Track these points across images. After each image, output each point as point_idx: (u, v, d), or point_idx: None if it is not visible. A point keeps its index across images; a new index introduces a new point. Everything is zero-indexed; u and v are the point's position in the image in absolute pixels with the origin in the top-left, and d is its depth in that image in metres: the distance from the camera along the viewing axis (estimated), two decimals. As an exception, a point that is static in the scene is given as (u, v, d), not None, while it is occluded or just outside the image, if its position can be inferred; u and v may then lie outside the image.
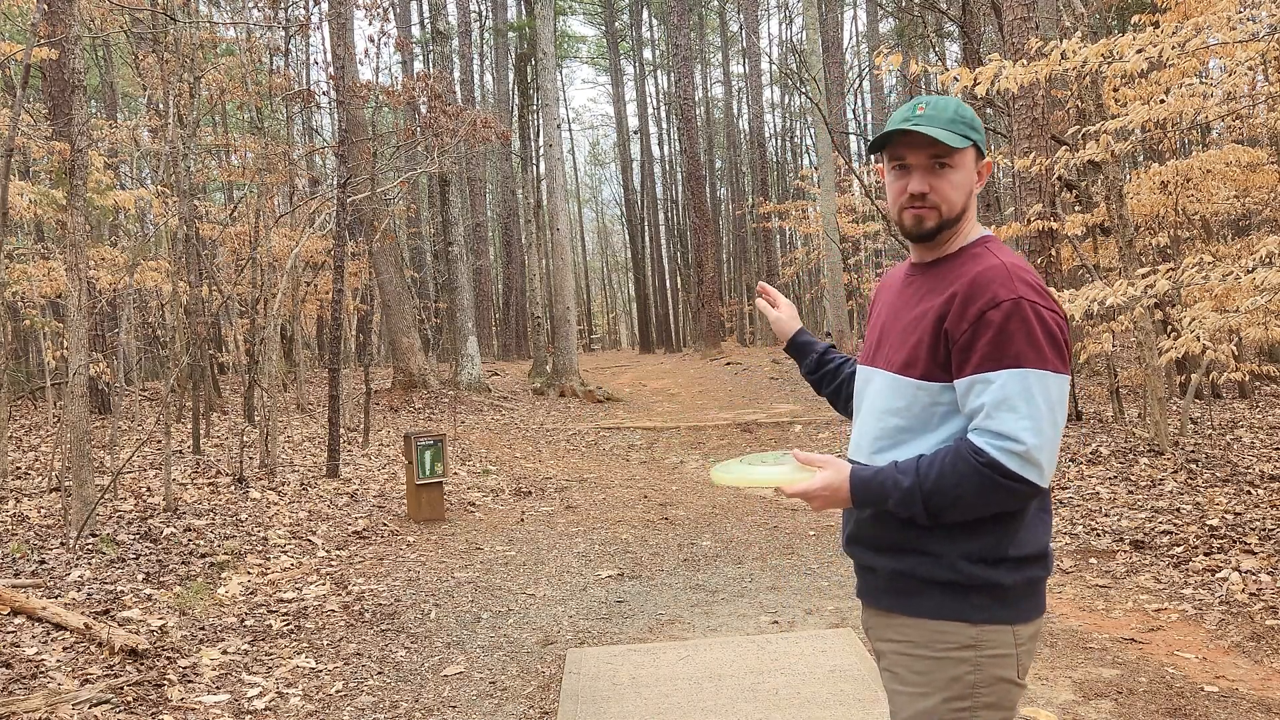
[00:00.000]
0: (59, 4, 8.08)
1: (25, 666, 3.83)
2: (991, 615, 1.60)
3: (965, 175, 1.72)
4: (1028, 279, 1.61)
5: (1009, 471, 1.52)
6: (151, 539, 5.79)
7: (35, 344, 14.41)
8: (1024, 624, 1.63)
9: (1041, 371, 1.54)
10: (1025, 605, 1.63)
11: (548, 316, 23.46)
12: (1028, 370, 1.54)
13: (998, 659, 1.60)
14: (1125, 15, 14.12)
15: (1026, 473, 1.52)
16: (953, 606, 1.61)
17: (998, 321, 1.55)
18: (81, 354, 5.74)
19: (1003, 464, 1.52)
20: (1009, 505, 1.56)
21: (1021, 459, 1.52)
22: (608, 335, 49.35)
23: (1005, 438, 1.52)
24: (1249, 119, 9.49)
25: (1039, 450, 1.52)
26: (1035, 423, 1.52)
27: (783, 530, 6.88)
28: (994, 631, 1.60)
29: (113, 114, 17.95)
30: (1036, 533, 1.64)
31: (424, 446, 7.37)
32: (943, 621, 1.61)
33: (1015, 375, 1.54)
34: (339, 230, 9.46)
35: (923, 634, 1.63)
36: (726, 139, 37.53)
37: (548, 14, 18.23)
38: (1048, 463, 1.53)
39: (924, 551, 1.63)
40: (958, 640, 1.60)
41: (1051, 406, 1.54)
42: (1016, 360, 1.54)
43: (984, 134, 1.77)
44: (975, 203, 1.76)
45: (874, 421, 1.73)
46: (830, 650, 4.13)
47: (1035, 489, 1.54)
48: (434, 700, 3.85)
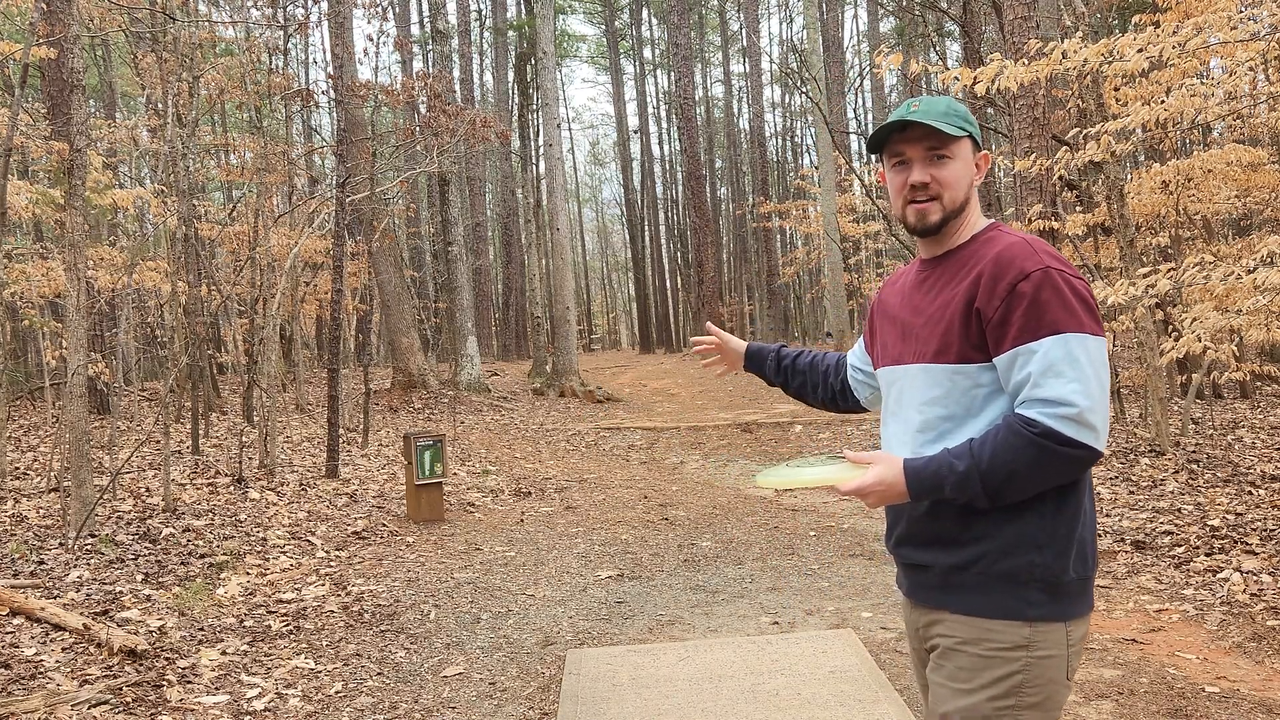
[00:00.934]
0: (58, 3, 8.07)
1: (24, 667, 3.82)
2: (1047, 612, 1.59)
3: (964, 166, 1.74)
4: (1050, 250, 1.63)
5: (1065, 438, 1.51)
6: (150, 539, 5.78)
7: (34, 344, 14.40)
8: (1077, 621, 1.62)
9: (1081, 335, 1.55)
10: (1080, 601, 1.62)
11: (547, 316, 23.46)
12: (1068, 335, 1.54)
13: (1048, 659, 1.59)
14: (1126, 15, 14.12)
15: (1083, 436, 1.52)
16: (1008, 604, 1.59)
17: (1030, 292, 1.57)
18: (80, 354, 5.72)
19: (1058, 430, 1.51)
20: (1069, 474, 1.55)
21: (1076, 423, 1.51)
22: (608, 335, 49.34)
23: (1057, 403, 1.52)
24: (1250, 119, 9.48)
25: (1091, 412, 1.52)
26: (1084, 385, 1.53)
27: (783, 531, 6.87)
28: (1048, 630, 1.59)
29: (112, 113, 17.95)
30: (1086, 520, 1.64)
31: (423, 447, 7.35)
32: (996, 620, 1.60)
33: (1057, 341, 1.54)
34: (338, 230, 9.45)
35: (973, 631, 1.62)
36: (726, 138, 37.52)
37: (547, 13, 18.22)
38: (1101, 424, 1.53)
39: (983, 542, 1.61)
40: (1010, 640, 1.59)
41: (1096, 368, 1.55)
42: (1054, 327, 1.55)
43: (978, 129, 1.79)
44: (976, 195, 1.78)
45: (915, 415, 1.72)
46: (830, 651, 4.12)
47: (1093, 452, 1.53)
48: (433, 701, 3.84)
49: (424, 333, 17.97)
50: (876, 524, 7.01)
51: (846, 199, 25.39)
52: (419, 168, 12.96)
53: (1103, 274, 10.56)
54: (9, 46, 9.20)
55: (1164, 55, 5.36)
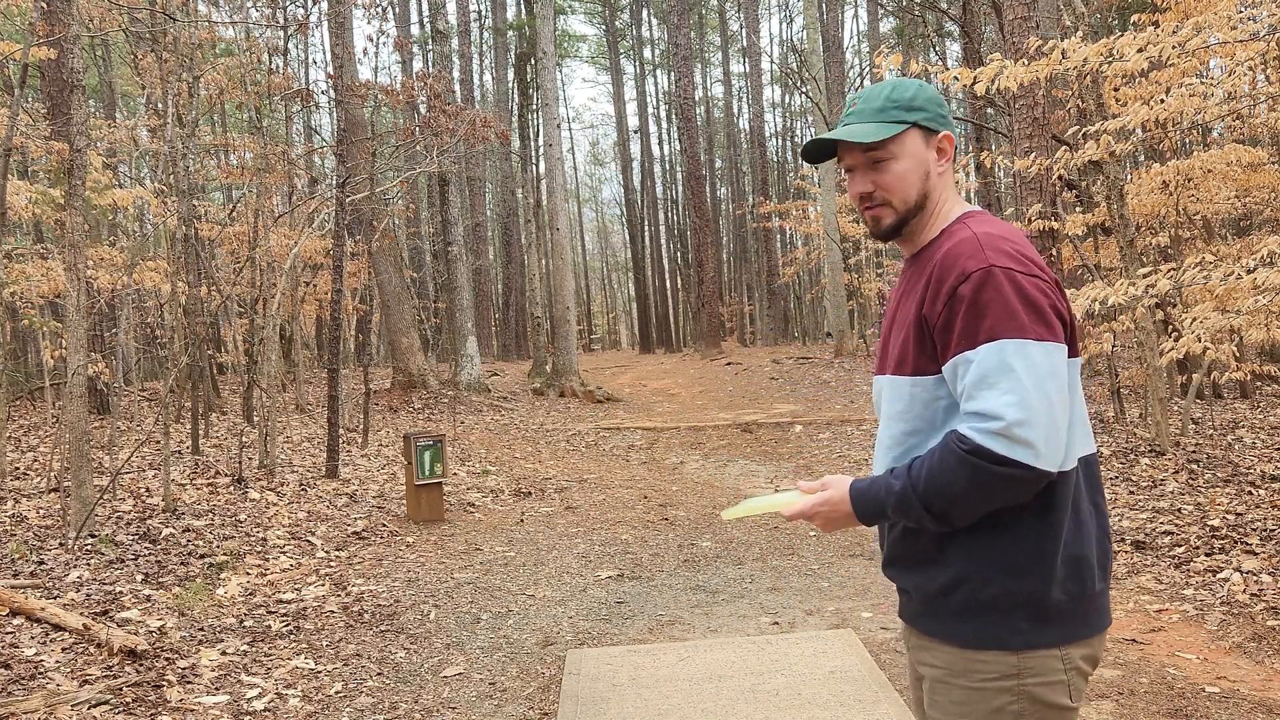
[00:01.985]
0: (58, 3, 8.07)
1: (24, 667, 3.82)
2: (1033, 639, 1.48)
3: (910, 162, 1.61)
4: (1003, 246, 1.49)
5: (996, 455, 1.38)
6: (150, 539, 5.78)
7: (34, 344, 14.40)
8: (1074, 644, 1.50)
9: (1020, 340, 1.41)
10: (1076, 622, 1.51)
11: (547, 316, 23.46)
12: (1004, 341, 1.41)
13: (1045, 686, 1.49)
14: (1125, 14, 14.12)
15: (1015, 453, 1.38)
16: (991, 633, 1.49)
17: (969, 295, 1.45)
18: (80, 354, 5.72)
19: (987, 447, 1.39)
20: (1011, 495, 1.41)
21: (1006, 439, 1.38)
22: (608, 335, 49.34)
23: (987, 417, 1.40)
24: (1249, 119, 9.48)
25: (1024, 425, 1.37)
26: (1019, 396, 1.38)
27: (783, 531, 6.87)
28: (1037, 657, 1.48)
29: (111, 113, 17.95)
30: (1075, 537, 1.50)
31: (423, 447, 7.35)
32: (981, 651, 1.50)
33: (992, 349, 1.42)
34: (338, 230, 9.45)
35: (960, 662, 1.52)
36: (726, 139, 37.53)
37: (547, 13, 18.22)
38: (1042, 440, 1.38)
39: (960, 565, 1.51)
40: (998, 670, 1.49)
41: (1038, 377, 1.40)
42: (991, 333, 1.42)
43: (933, 109, 1.64)
44: (944, 183, 1.64)
45: (884, 430, 1.64)
46: (830, 651, 4.12)
47: (1031, 471, 1.39)
48: (433, 701, 3.84)
49: (424, 333, 17.97)
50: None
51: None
52: (419, 168, 12.96)
53: (1103, 274, 10.56)
54: (9, 46, 9.21)
55: (1164, 55, 5.36)
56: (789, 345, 29.73)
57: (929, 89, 1.66)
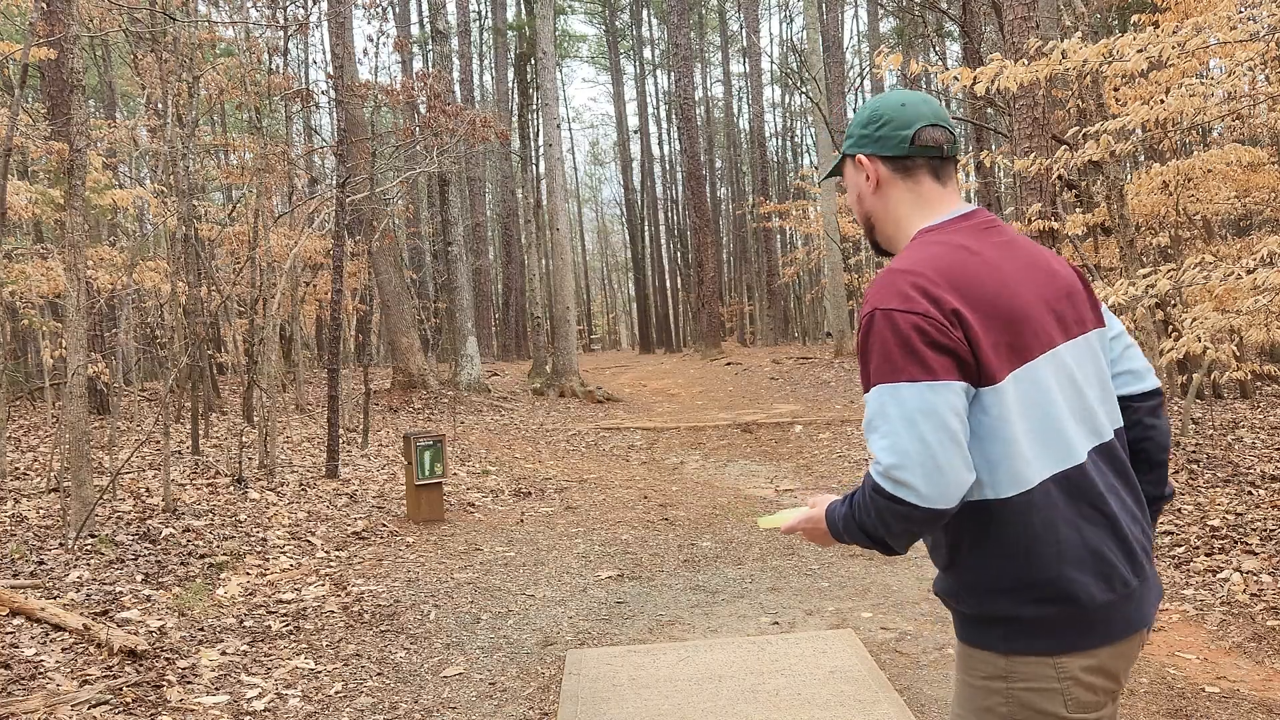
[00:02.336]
0: (58, 3, 8.07)
1: (24, 667, 3.82)
2: (1020, 645, 1.52)
3: (851, 189, 1.74)
4: (898, 284, 1.51)
5: (885, 491, 1.46)
6: (150, 540, 5.78)
7: (34, 344, 14.40)
8: (1069, 654, 1.51)
9: (892, 385, 1.46)
10: (1065, 635, 1.51)
11: (547, 316, 23.46)
12: (880, 386, 1.48)
13: (1035, 692, 1.51)
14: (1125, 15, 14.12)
15: (899, 492, 1.44)
16: (982, 635, 1.56)
17: (861, 343, 1.54)
18: (80, 354, 5.73)
19: (878, 483, 1.47)
20: (912, 527, 1.47)
21: (889, 480, 1.45)
22: (608, 335, 49.34)
23: (874, 460, 1.48)
24: (1249, 119, 9.49)
25: (900, 469, 1.43)
26: (891, 440, 1.45)
27: (783, 530, 6.87)
28: (1027, 663, 1.51)
29: (111, 113, 17.96)
30: (1040, 560, 1.50)
31: (423, 447, 7.35)
32: (975, 649, 1.57)
33: (872, 395, 1.50)
34: (338, 230, 9.45)
35: (965, 659, 1.60)
36: (726, 139, 37.54)
37: (547, 13, 18.22)
38: (919, 481, 1.42)
39: (951, 575, 1.59)
40: (989, 669, 1.55)
41: (909, 419, 1.44)
42: (872, 378, 1.50)
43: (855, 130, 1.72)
44: (884, 202, 1.70)
45: None
46: (830, 651, 4.12)
47: (919, 509, 1.44)
48: (433, 701, 3.84)
49: (424, 333, 17.97)
50: (876, 524, 7.01)
51: (846, 199, 25.37)
52: (419, 168, 12.96)
53: (1103, 274, 10.56)
54: (9, 46, 9.21)
55: (1163, 55, 5.36)
56: (789, 345, 29.73)
57: (865, 109, 1.71)
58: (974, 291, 1.52)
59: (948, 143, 1.67)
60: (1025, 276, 1.59)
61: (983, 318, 1.50)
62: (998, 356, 1.50)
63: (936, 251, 1.56)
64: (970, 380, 1.49)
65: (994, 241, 1.61)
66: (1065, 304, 1.63)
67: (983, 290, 1.52)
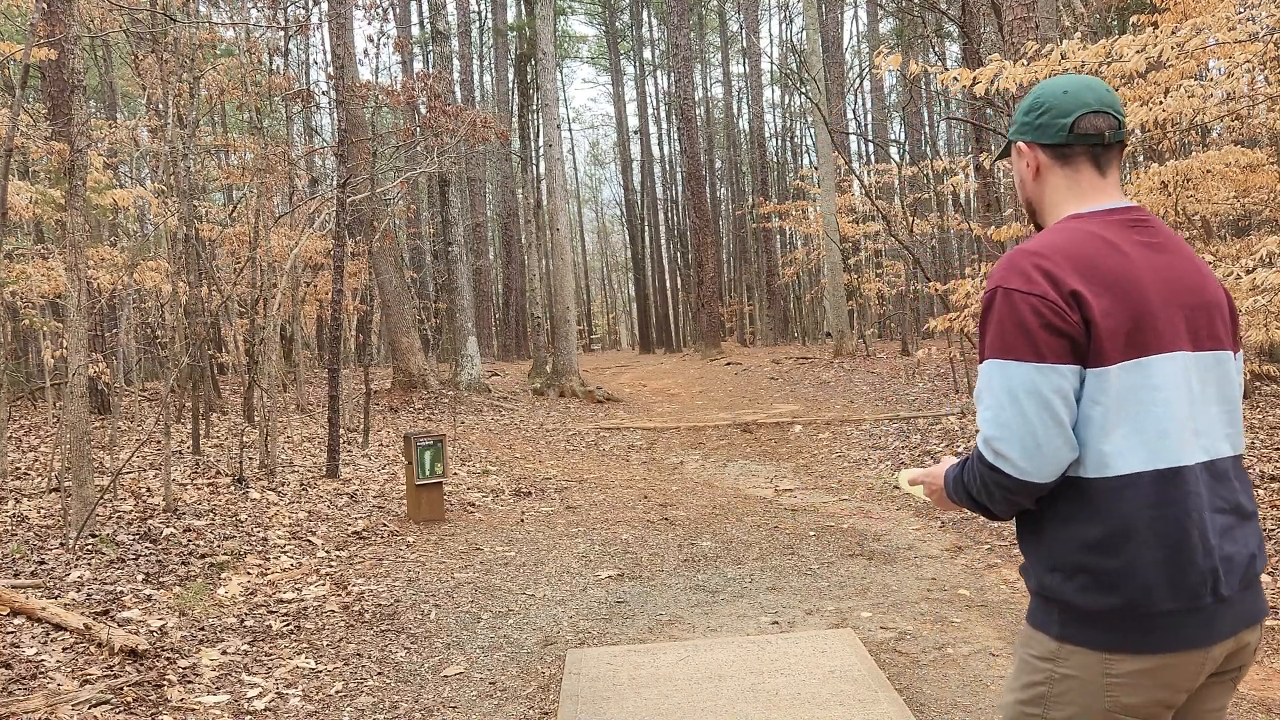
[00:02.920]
0: (58, 4, 8.08)
1: (25, 667, 3.83)
2: (1071, 634, 1.55)
3: (1015, 170, 1.79)
4: (1022, 264, 1.57)
5: (986, 460, 1.55)
6: (151, 539, 5.79)
7: (34, 344, 14.41)
8: (1121, 654, 1.51)
9: (1001, 361, 1.54)
10: (1120, 633, 1.51)
11: (548, 317, 23.47)
12: (991, 361, 1.56)
13: (1078, 681, 1.54)
14: (1125, 15, 14.13)
15: (999, 463, 1.53)
16: (1039, 616, 1.61)
17: (981, 314, 1.60)
18: (81, 354, 5.73)
19: (980, 451, 1.56)
20: (1000, 498, 1.56)
21: (990, 449, 1.54)
22: (608, 335, 49.34)
23: (980, 429, 1.56)
24: (1249, 119, 9.49)
25: (999, 441, 1.52)
26: (994, 413, 1.53)
27: (783, 531, 6.88)
28: (1077, 653, 1.54)
29: (112, 114, 17.96)
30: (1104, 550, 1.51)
31: (424, 447, 7.36)
32: (1032, 629, 1.62)
33: (984, 368, 1.58)
34: (338, 230, 9.45)
35: (1025, 636, 1.65)
36: (726, 139, 37.54)
37: (548, 14, 18.23)
38: (1017, 454, 1.50)
39: (1026, 554, 1.64)
40: (1040, 650, 1.59)
41: (1013, 396, 1.51)
42: (986, 352, 1.58)
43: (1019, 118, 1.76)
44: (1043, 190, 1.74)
45: None
46: (830, 651, 4.13)
47: (1011, 479, 1.52)
48: (434, 701, 3.85)
49: (424, 333, 17.98)
50: (876, 524, 7.02)
51: (846, 199, 25.40)
52: (419, 168, 12.97)
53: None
54: (9, 46, 9.21)
55: (1163, 56, 5.37)
56: (789, 345, 29.74)
57: (1030, 97, 1.74)
58: (1098, 277, 1.54)
59: (1110, 130, 1.66)
60: (1162, 278, 1.59)
61: (1103, 303, 1.53)
62: (1111, 343, 1.52)
63: (1070, 237, 1.60)
64: (1081, 362, 1.53)
65: (1137, 239, 1.61)
66: (1201, 316, 1.61)
67: (1108, 278, 1.55)
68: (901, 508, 7.61)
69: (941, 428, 11.04)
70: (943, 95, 28.83)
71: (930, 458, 9.53)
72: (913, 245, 15.84)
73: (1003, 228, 9.99)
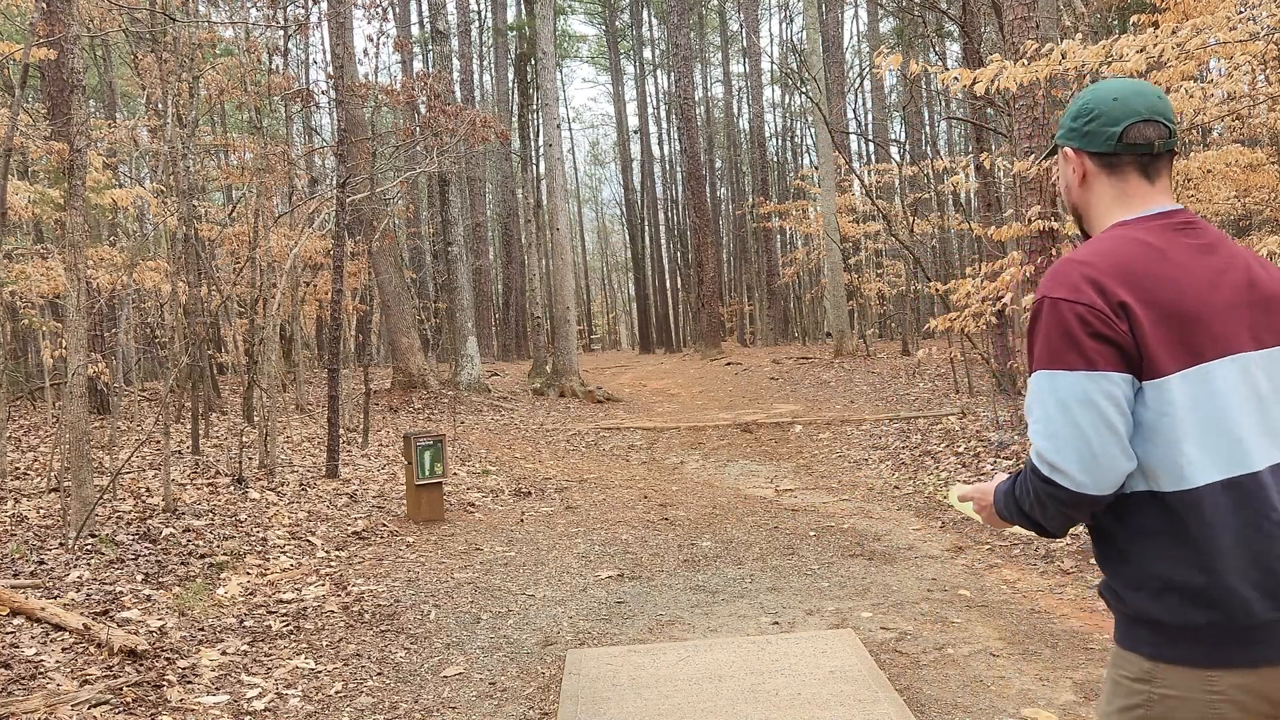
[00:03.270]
0: (58, 3, 8.07)
1: (24, 667, 3.82)
2: (1164, 653, 1.50)
3: (1061, 174, 1.75)
4: (1069, 274, 1.55)
5: (1040, 474, 1.52)
6: (151, 539, 5.78)
7: (34, 344, 14.40)
8: (1222, 669, 1.46)
9: (1050, 371, 1.52)
10: (1217, 647, 1.47)
11: (548, 317, 23.46)
12: (1041, 372, 1.54)
13: (1180, 700, 1.48)
14: (1125, 15, 14.12)
15: (1054, 476, 1.49)
16: (1129, 636, 1.56)
17: (1029, 328, 1.59)
18: (80, 354, 5.73)
19: (1035, 465, 1.53)
20: (1055, 511, 1.52)
21: (1044, 462, 1.50)
22: (608, 335, 49.34)
23: (1032, 443, 1.54)
24: (1249, 119, 9.49)
25: (1051, 453, 1.49)
26: (1045, 425, 1.51)
27: (783, 531, 6.87)
28: (1172, 671, 1.49)
29: (112, 113, 17.96)
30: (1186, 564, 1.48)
31: (423, 447, 7.36)
32: (1123, 650, 1.57)
33: (1033, 379, 1.56)
34: (338, 230, 9.45)
35: (1116, 657, 1.60)
36: (726, 139, 37.53)
37: (547, 13, 18.22)
38: (1073, 466, 1.47)
39: (1107, 576, 1.61)
40: (1133, 670, 1.54)
41: (1064, 405, 1.48)
42: (1035, 363, 1.55)
43: (1066, 122, 1.72)
44: (1089, 197, 1.71)
45: None
46: (831, 651, 4.12)
47: (1066, 492, 1.48)
48: (433, 701, 3.85)
49: (424, 333, 17.98)
50: (876, 524, 7.02)
51: (846, 199, 25.40)
52: (419, 168, 12.97)
53: (1102, 274, 10.56)
54: (9, 46, 9.21)
55: (1163, 56, 5.37)
56: (789, 345, 29.74)
57: (1078, 100, 1.71)
58: (1147, 286, 1.52)
59: (1160, 139, 1.63)
60: (1214, 280, 1.55)
61: (1152, 313, 1.50)
62: (1166, 352, 1.49)
63: (1117, 245, 1.58)
64: (1134, 373, 1.50)
65: (1186, 242, 1.58)
66: (1261, 313, 1.57)
67: (1157, 286, 1.52)
68: (902, 508, 7.61)
69: (942, 428, 11.03)
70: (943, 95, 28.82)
71: (930, 457, 9.52)
72: (913, 245, 15.84)
73: (1003, 228, 9.98)
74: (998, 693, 3.67)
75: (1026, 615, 4.61)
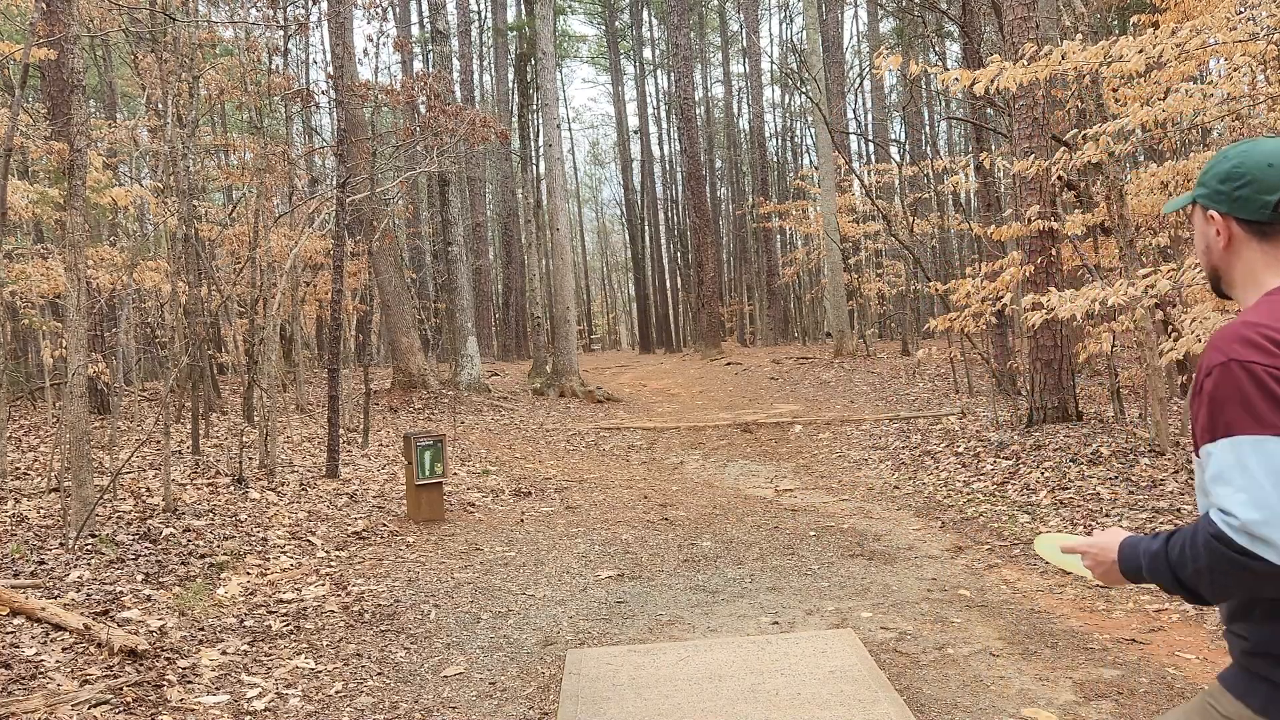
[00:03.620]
0: (58, 3, 8.07)
1: (24, 667, 3.82)
2: (1275, 713, 1.49)
3: (1197, 234, 1.69)
4: (1249, 335, 1.49)
5: (1236, 545, 1.42)
6: (151, 539, 5.78)
7: (34, 344, 14.40)
8: None
9: (1257, 438, 1.43)
10: None
11: (548, 317, 23.46)
12: (1239, 438, 1.44)
13: None
14: (1125, 15, 14.12)
15: (1256, 548, 1.40)
16: (1243, 684, 1.55)
17: (1209, 390, 1.49)
18: (80, 354, 5.73)
19: (1228, 535, 1.43)
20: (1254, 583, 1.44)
21: (1246, 534, 1.41)
22: (608, 335, 49.34)
23: (1225, 512, 1.43)
24: (1249, 119, 9.48)
25: (1264, 525, 1.39)
26: (1252, 494, 1.41)
27: (783, 531, 6.87)
28: None
29: (112, 113, 17.96)
30: None
31: (423, 447, 7.36)
32: (1228, 691, 1.57)
33: (1226, 445, 1.45)
34: (338, 230, 9.45)
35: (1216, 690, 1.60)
36: (726, 139, 37.53)
37: (547, 13, 18.22)
38: None
39: (1234, 628, 1.58)
40: (1234, 712, 1.54)
41: (1274, 473, 1.40)
42: (1228, 429, 1.46)
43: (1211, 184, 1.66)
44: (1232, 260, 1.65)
45: None
46: (830, 651, 4.13)
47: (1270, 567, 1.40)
48: (433, 701, 3.85)
49: (424, 333, 17.98)
50: (876, 524, 7.02)
51: (846, 199, 25.40)
52: (419, 168, 12.96)
53: (1102, 274, 10.56)
54: (9, 46, 9.21)
55: (1163, 56, 5.37)
56: (789, 345, 29.74)
57: (1227, 161, 1.65)
58: None
59: None
60: None
61: None
62: None
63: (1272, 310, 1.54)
64: None
65: None
66: None
67: None
68: (902, 508, 7.61)
69: (942, 428, 11.03)
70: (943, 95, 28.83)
71: (930, 457, 9.52)
72: (913, 245, 15.84)
73: (1003, 228, 9.98)
74: (998, 693, 3.67)
75: (1026, 615, 4.61)
